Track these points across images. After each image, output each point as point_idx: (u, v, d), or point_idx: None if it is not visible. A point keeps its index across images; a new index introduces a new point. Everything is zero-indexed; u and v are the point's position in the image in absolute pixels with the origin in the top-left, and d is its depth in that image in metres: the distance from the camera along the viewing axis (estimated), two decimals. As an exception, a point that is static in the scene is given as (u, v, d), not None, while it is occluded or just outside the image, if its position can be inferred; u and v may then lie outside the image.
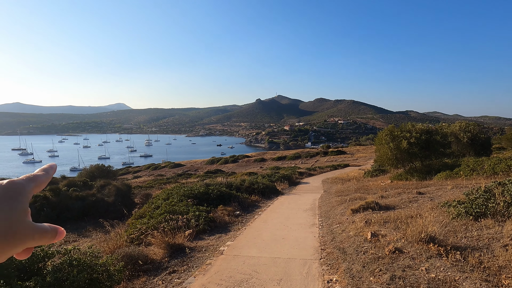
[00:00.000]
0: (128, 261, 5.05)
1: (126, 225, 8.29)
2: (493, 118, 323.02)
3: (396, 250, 3.98)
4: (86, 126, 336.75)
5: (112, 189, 12.30)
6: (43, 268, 3.51)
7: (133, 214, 9.73)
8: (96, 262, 3.97)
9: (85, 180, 14.28)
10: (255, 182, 13.38)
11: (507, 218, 4.52)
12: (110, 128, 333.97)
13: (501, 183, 5.11)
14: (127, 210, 10.87)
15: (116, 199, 11.64)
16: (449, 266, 3.32)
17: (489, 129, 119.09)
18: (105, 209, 10.92)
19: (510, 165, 10.18)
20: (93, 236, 7.79)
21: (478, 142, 21.03)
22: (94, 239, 7.42)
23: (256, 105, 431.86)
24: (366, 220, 5.84)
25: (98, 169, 25.23)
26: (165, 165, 56.24)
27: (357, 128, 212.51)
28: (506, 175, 9.75)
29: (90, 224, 9.76)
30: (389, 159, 15.37)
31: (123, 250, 5.28)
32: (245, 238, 6.14)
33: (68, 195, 11.01)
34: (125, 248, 5.54)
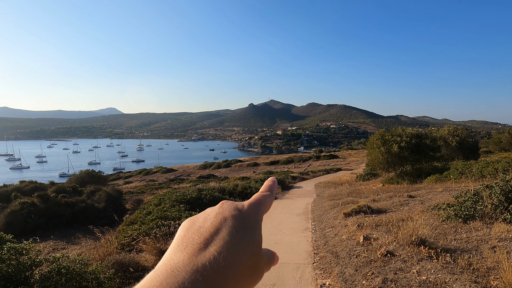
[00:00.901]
0: (119, 269, 4.95)
1: (117, 232, 8.14)
2: (480, 122, 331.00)
3: (388, 253, 4.01)
4: (76, 131, 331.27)
5: (102, 195, 12.08)
6: (31, 277, 3.41)
7: (124, 220, 9.58)
8: (85, 270, 3.89)
9: (74, 186, 14.00)
10: (248, 187, 13.35)
11: (494, 220, 4.62)
12: (101, 133, 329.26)
13: (488, 186, 5.23)
14: (118, 216, 10.70)
15: (106, 205, 11.43)
16: (440, 268, 3.36)
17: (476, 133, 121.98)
18: (95, 215, 10.71)
19: (497, 168, 10.43)
20: (83, 243, 7.62)
21: (466, 146, 21.51)
22: (84, 246, 7.26)
23: (249, 109, 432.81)
24: (358, 224, 5.88)
25: (88, 175, 24.76)
26: (157, 170, 55.62)
27: (349, 133, 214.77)
28: (493, 178, 9.97)
29: (79, 231, 9.56)
30: (381, 163, 15.55)
31: (113, 257, 5.18)
32: (238, 243, 6.10)
33: (57, 202, 10.77)
34: (116, 255, 5.44)
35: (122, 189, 27.06)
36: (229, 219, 0.35)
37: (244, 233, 0.34)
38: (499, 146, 36.05)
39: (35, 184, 15.60)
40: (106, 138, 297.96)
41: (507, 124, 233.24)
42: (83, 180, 22.99)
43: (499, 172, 10.18)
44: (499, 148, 35.83)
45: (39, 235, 8.76)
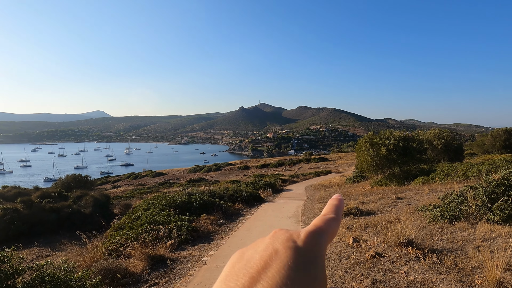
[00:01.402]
0: (106, 275, 4.84)
1: (104, 237, 7.96)
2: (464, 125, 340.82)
3: (377, 255, 4.06)
4: (62, 134, 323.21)
5: (89, 200, 11.80)
6: (13, 285, 3.29)
7: (112, 226, 9.38)
8: (71, 277, 3.78)
9: (60, 190, 13.62)
10: (238, 190, 13.30)
11: (478, 220, 4.75)
12: (88, 136, 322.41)
13: (472, 187, 5.38)
14: (105, 221, 10.47)
15: (93, 210, 11.17)
16: (427, 268, 3.43)
17: (461, 136, 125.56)
18: (81, 221, 10.45)
19: (481, 170, 10.74)
20: (69, 249, 7.41)
21: (452, 148, 22.09)
22: (70, 252, 7.06)
23: (239, 112, 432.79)
24: (348, 226, 5.94)
25: (75, 179, 24.17)
26: (146, 174, 54.80)
27: (339, 136, 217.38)
28: (477, 179, 10.26)
29: (65, 237, 9.30)
30: (369, 165, 15.78)
31: (100, 264, 5.07)
32: (228, 247, 6.06)
33: (41, 207, 10.45)
34: (103, 261, 5.32)
35: (110, 193, 26.53)
36: (282, 252, 0.28)
37: (300, 270, 0.26)
38: (483, 149, 37.20)
39: (18, 189, 15.12)
40: (93, 141, 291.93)
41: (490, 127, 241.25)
42: (69, 185, 22.42)
43: (483, 173, 10.49)
44: (483, 150, 36.97)
45: (22, 242, 8.47)
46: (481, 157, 27.48)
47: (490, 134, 36.96)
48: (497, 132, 35.35)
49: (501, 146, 34.01)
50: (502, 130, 35.23)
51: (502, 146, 33.95)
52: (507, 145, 33.67)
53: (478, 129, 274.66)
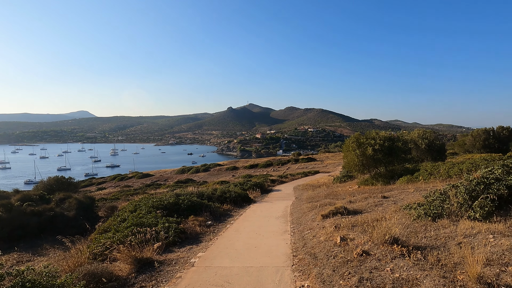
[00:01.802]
0: (91, 280, 4.71)
1: (89, 241, 7.75)
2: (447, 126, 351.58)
3: (364, 253, 4.13)
4: (43, 135, 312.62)
5: (72, 203, 11.46)
6: (-10, 293, 3.16)
7: (97, 229, 9.14)
8: (53, 282, 3.66)
9: (41, 193, 13.16)
10: (227, 191, 13.24)
11: (460, 217, 4.91)
12: (71, 137, 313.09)
13: (454, 185, 5.55)
14: (90, 224, 10.19)
15: (77, 213, 10.86)
16: (411, 265, 3.51)
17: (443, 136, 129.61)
18: (65, 224, 10.13)
19: (462, 169, 11.11)
20: (51, 254, 7.18)
21: (435, 148, 22.76)
22: (52, 257, 6.84)
23: (227, 113, 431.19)
24: (335, 225, 6.01)
25: (57, 181, 23.46)
26: (133, 176, 53.79)
27: (326, 136, 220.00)
28: (459, 177, 10.61)
29: (47, 242, 8.99)
30: (356, 165, 16.06)
31: (84, 268, 4.93)
32: (217, 249, 6.02)
33: (21, 211, 10.07)
34: (87, 265, 5.17)
35: (94, 195, 25.89)
36: None
37: None
38: (464, 148, 38.52)
39: (-3, 193, 14.50)
40: (77, 142, 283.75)
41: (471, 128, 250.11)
42: (52, 187, 21.74)
43: (464, 172, 10.85)
44: (464, 150, 38.29)
45: (1, 247, 8.13)
46: (462, 156, 28.44)
47: (470, 134, 38.32)
48: (477, 132, 36.70)
49: (481, 146, 35.33)
50: (481, 130, 36.60)
51: (481, 146, 35.27)
52: (486, 145, 35.00)
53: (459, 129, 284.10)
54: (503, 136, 36.00)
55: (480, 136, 35.91)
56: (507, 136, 36.20)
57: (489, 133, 36.01)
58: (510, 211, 4.77)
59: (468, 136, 39.66)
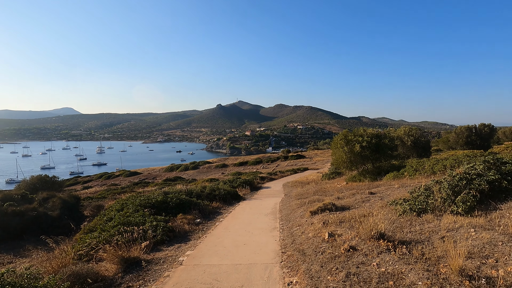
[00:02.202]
0: (75, 281, 4.60)
1: (74, 241, 7.57)
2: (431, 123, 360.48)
3: (351, 248, 4.19)
4: (26, 132, 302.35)
5: (56, 202, 11.14)
6: (-32, 297, 3.03)
7: (82, 228, 8.94)
8: (35, 284, 3.55)
9: (24, 193, 12.75)
10: (216, 189, 13.18)
11: (444, 212, 5.05)
12: (55, 134, 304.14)
13: (438, 181, 5.70)
14: (75, 224, 9.97)
15: (62, 212, 10.57)
16: (397, 259, 3.58)
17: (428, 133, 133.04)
18: (49, 224, 9.85)
19: (446, 165, 11.43)
20: (34, 255, 6.96)
21: (420, 145, 23.31)
22: (35, 258, 6.64)
23: (217, 110, 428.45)
24: (323, 221, 6.07)
25: (41, 180, 22.78)
26: (120, 174, 52.86)
27: (315, 133, 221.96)
28: (443, 173, 10.91)
29: (30, 243, 8.73)
30: (344, 162, 16.25)
31: (69, 269, 4.80)
32: (205, 246, 5.99)
33: (2, 211, 9.72)
34: (72, 266, 5.05)
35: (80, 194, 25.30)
36: None
37: None
38: (447, 145, 39.66)
39: (-24, 192, 13.95)
40: (61, 140, 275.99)
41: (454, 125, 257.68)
42: (35, 187, 21.10)
43: (447, 168, 11.16)
44: (447, 146, 39.42)
45: (-20, 249, 7.85)
46: (446, 153, 29.26)
47: (454, 131, 39.46)
48: (460, 129, 37.82)
49: (464, 143, 36.45)
50: (464, 127, 37.73)
51: (464, 143, 36.39)
52: (468, 142, 36.14)
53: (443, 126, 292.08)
54: (484, 133, 37.23)
55: (463, 133, 37.02)
56: (488, 133, 37.47)
57: (471, 130, 37.15)
58: (490, 205, 4.93)
59: (451, 133, 40.82)
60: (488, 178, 5.33)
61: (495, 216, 4.42)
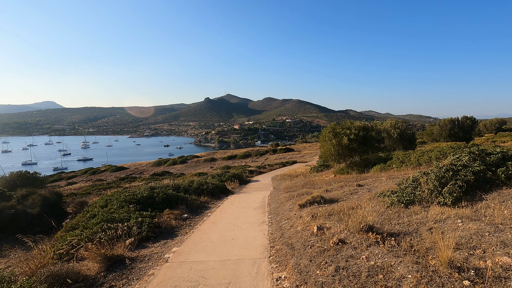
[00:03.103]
0: (54, 282, 4.38)
1: (55, 239, 7.27)
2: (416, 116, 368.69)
3: (340, 242, 4.14)
4: (5, 127, 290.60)
5: (36, 199, 10.69)
6: None
7: (64, 226, 8.61)
8: (8, 287, 3.32)
9: (1, 190, 12.19)
10: (204, 183, 13.00)
11: (431, 203, 5.07)
12: (37, 129, 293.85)
13: (425, 172, 5.73)
14: (56, 222, 9.59)
15: (42, 210, 10.15)
16: (386, 252, 3.55)
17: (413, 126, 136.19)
18: (28, 222, 9.45)
19: (431, 156, 11.63)
20: (12, 255, 6.64)
21: (406, 137, 23.75)
22: (12, 259, 6.32)
23: (205, 104, 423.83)
24: (312, 214, 6.03)
25: (21, 177, 21.95)
26: (106, 169, 51.72)
27: (303, 127, 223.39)
28: (428, 165, 11.10)
29: (8, 242, 8.33)
30: (332, 154, 16.34)
31: (47, 269, 4.57)
32: (192, 242, 5.84)
33: (-22, 209, 9.24)
34: (51, 266, 4.81)
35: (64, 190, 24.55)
36: None
37: None
38: (432, 137, 40.69)
39: (-50, 190, 13.23)
40: (43, 135, 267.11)
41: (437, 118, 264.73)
42: (15, 183, 20.31)
43: (433, 160, 11.36)
44: (431, 139, 40.45)
45: (-47, 250, 7.43)
46: (430, 145, 29.97)
47: (438, 124, 40.45)
48: (443, 122, 38.79)
49: (447, 135, 37.47)
50: (447, 120, 38.73)
51: (447, 135, 37.41)
52: (452, 134, 37.17)
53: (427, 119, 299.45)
54: (466, 125, 38.35)
55: (446, 125, 38.01)
56: (470, 126, 38.63)
57: (454, 122, 38.17)
58: (476, 196, 4.99)
59: (435, 126, 41.85)
60: (473, 169, 5.38)
61: (481, 206, 4.46)
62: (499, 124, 54.38)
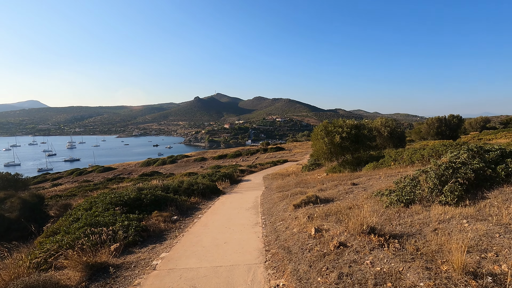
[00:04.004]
0: (29, 294, 3.97)
1: (33, 246, 6.78)
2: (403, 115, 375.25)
3: (341, 245, 3.89)
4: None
5: (15, 202, 10.07)
6: None
7: (45, 231, 8.09)
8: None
9: (-22, 193, 11.48)
10: (194, 183, 12.61)
11: (432, 203, 4.89)
12: (20, 129, 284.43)
13: (424, 170, 5.55)
14: (37, 226, 9.05)
15: (21, 214, 9.56)
16: (392, 256, 3.31)
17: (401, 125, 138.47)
18: (5, 228, 8.86)
19: (424, 154, 11.58)
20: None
21: (396, 135, 23.90)
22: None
23: (194, 103, 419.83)
24: (308, 215, 5.77)
25: (2, 179, 20.99)
26: (93, 170, 50.40)
27: (294, 126, 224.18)
28: (421, 163, 11.05)
29: (-18, 249, 7.75)
30: (324, 153, 16.20)
31: (21, 281, 4.15)
32: (182, 247, 5.49)
33: (-50, 214, 8.60)
34: (26, 277, 4.39)
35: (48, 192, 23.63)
36: None
37: None
38: (419, 135, 41.34)
39: None
40: (27, 135, 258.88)
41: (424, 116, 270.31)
42: (-6, 186, 19.38)
43: (426, 158, 11.32)
44: (419, 137, 41.09)
45: None
46: (419, 143, 30.35)
47: (425, 122, 41.11)
48: (431, 120, 39.45)
49: (434, 133, 38.13)
50: (435, 118, 39.40)
51: (435, 133, 38.07)
52: (439, 132, 37.84)
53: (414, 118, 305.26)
54: (453, 124, 39.12)
55: (433, 124, 38.66)
56: (456, 124, 39.42)
57: (441, 121, 38.86)
58: (477, 194, 4.84)
59: (423, 124, 42.53)
60: (473, 166, 5.23)
61: (484, 205, 4.29)
62: (484, 122, 55.89)
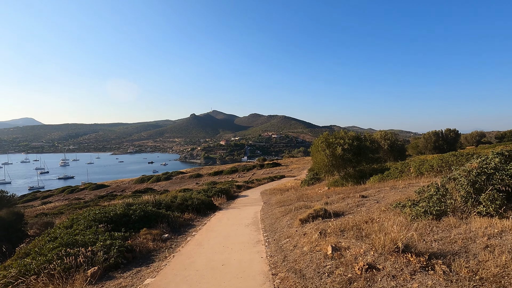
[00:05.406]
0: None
1: (-1, 270, 5.82)
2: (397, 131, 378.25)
3: (370, 267, 3.10)
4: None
5: (-13, 220, 9.08)
6: None
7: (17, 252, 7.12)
8: None
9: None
10: (188, 198, 11.71)
11: (468, 214, 4.16)
12: (13, 147, 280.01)
13: (451, 178, 4.86)
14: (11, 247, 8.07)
15: (-6, 233, 8.56)
16: (444, 283, 2.54)
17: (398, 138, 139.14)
18: (-27, 249, 7.83)
19: (432, 165, 10.95)
20: None
21: (396, 148, 23.41)
22: None
23: (190, 120, 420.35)
24: (320, 231, 4.97)
25: (-16, 196, 19.68)
26: (85, 187, 48.80)
27: (289, 142, 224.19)
28: (431, 174, 10.38)
29: None
30: (326, 165, 15.49)
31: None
32: (172, 271, 4.62)
33: None
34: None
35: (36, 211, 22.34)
36: None
37: None
38: (417, 150, 41.01)
39: None
40: (20, 152, 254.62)
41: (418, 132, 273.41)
42: (-26, 204, 18.07)
43: (435, 168, 10.68)
44: (417, 151, 40.75)
45: None
46: (417, 157, 29.87)
47: (423, 136, 40.95)
48: (428, 134, 39.30)
49: (432, 147, 37.83)
50: (432, 132, 39.27)
51: (432, 147, 37.77)
52: (436, 146, 37.56)
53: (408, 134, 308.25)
54: (450, 138, 38.99)
55: (431, 138, 38.47)
56: (453, 138, 39.30)
57: (438, 135, 38.71)
58: (519, 203, 4.13)
59: (420, 138, 42.36)
60: (508, 172, 4.56)
61: (536, 216, 3.57)
62: (479, 137, 56.13)
